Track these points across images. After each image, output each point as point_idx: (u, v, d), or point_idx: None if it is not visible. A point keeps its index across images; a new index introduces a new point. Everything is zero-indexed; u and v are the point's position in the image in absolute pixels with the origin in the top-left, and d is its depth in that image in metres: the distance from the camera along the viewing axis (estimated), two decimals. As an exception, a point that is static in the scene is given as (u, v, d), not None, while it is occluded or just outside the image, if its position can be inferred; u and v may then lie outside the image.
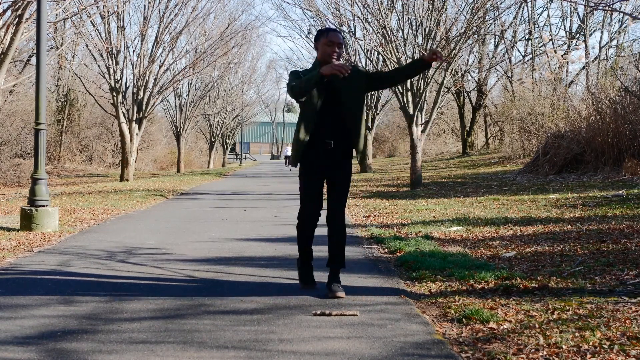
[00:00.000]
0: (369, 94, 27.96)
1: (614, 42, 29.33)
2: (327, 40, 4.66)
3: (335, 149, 4.69)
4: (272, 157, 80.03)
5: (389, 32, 16.24)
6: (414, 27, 16.77)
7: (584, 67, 27.15)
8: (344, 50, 4.72)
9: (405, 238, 7.48)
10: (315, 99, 4.62)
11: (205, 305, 4.41)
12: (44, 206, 8.40)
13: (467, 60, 25.63)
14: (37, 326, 3.88)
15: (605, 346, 3.36)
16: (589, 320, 3.83)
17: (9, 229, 8.33)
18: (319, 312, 4.18)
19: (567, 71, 28.06)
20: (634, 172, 14.20)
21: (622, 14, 17.98)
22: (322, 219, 4.89)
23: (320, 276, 5.04)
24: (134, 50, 22.41)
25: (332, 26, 23.21)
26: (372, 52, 23.21)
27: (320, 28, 4.49)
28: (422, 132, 16.94)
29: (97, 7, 18.78)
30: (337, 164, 4.74)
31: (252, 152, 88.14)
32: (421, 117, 16.89)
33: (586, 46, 28.06)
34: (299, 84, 4.56)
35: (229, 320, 4.05)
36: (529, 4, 29.15)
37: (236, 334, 3.74)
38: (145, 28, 22.13)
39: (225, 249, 6.99)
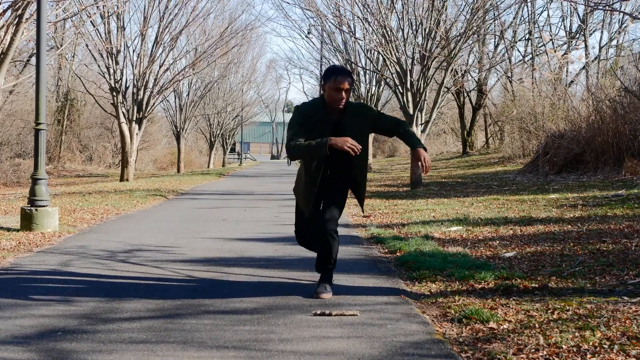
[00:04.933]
0: (368, 94, 27.96)
1: (614, 42, 29.32)
2: (335, 85, 4.46)
3: (331, 175, 4.67)
4: (272, 157, 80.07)
5: (389, 32, 16.24)
6: (414, 27, 16.76)
7: (584, 67, 27.14)
8: (353, 87, 4.64)
9: (405, 238, 7.48)
10: (312, 137, 4.52)
11: (205, 305, 4.41)
12: (44, 206, 8.40)
13: (467, 60, 25.63)
14: (37, 326, 3.88)
15: (605, 346, 3.36)
16: (589, 320, 3.83)
17: (9, 229, 8.33)
18: (319, 312, 4.18)
19: (567, 71, 28.05)
20: (634, 172, 14.20)
21: (622, 13, 17.99)
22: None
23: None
24: (134, 50, 22.42)
25: (332, 26, 23.24)
26: (372, 52, 23.20)
27: (330, 66, 4.39)
28: (422, 132, 16.94)
29: (97, 7, 18.77)
30: (331, 185, 4.70)
31: (252, 152, 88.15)
32: (421, 117, 16.89)
33: (586, 46, 28.04)
34: (300, 150, 4.43)
35: (229, 320, 4.05)
36: (529, 4, 29.15)
37: (236, 334, 3.74)
38: (145, 28, 22.12)
39: (225, 249, 6.99)
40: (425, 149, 4.55)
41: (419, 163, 4.49)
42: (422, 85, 16.50)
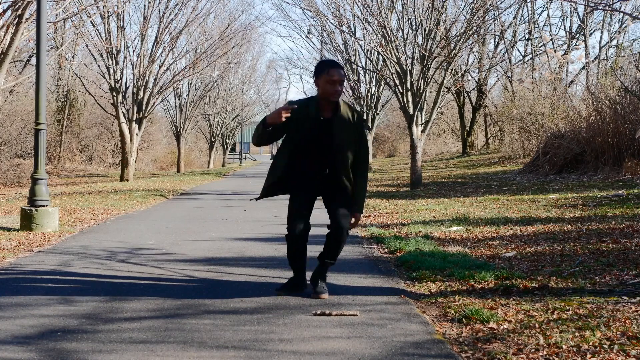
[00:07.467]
0: (368, 94, 27.95)
1: (614, 42, 29.32)
2: (329, 78, 4.49)
3: (330, 174, 4.63)
4: (272, 157, 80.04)
5: (389, 32, 16.24)
6: (414, 27, 16.76)
7: (584, 67, 27.14)
8: (345, 82, 4.64)
9: (405, 238, 7.48)
10: (294, 138, 4.58)
11: (205, 305, 4.41)
12: (44, 206, 8.40)
13: (467, 60, 25.60)
14: (37, 326, 3.88)
15: (605, 346, 3.36)
16: (589, 320, 3.83)
17: (9, 229, 8.32)
18: (319, 312, 4.18)
19: (567, 71, 28.05)
20: (634, 172, 14.21)
21: (622, 13, 17.97)
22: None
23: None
24: (134, 50, 22.42)
25: (332, 26, 23.25)
26: (372, 52, 23.20)
27: (322, 60, 4.47)
28: (422, 132, 16.94)
29: (97, 7, 18.77)
30: (333, 185, 4.65)
31: (252, 152, 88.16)
32: (421, 117, 16.89)
33: (586, 46, 28.05)
34: (254, 135, 4.62)
35: (229, 320, 4.04)
36: (529, 4, 29.15)
37: (236, 334, 3.74)
38: (145, 28, 22.13)
39: (225, 249, 6.99)
40: (360, 212, 4.74)
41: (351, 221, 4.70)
42: (422, 85, 16.50)
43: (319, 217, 5.14)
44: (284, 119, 4.41)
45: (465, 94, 34.95)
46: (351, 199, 4.68)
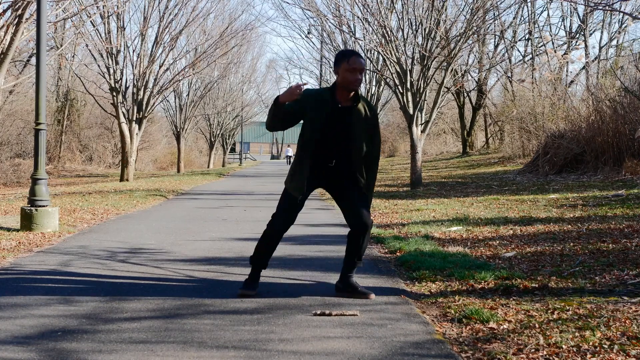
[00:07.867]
0: (368, 94, 27.96)
1: (614, 42, 29.34)
2: (349, 66, 4.44)
3: (335, 167, 4.61)
4: (272, 157, 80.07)
5: (389, 32, 16.24)
6: (414, 27, 16.77)
7: (584, 67, 27.15)
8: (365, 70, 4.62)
9: (405, 238, 7.48)
10: (314, 126, 4.51)
11: (205, 305, 4.41)
12: (44, 206, 8.40)
13: (467, 60, 25.61)
14: (37, 326, 3.88)
15: (605, 346, 3.36)
16: (589, 320, 3.83)
17: (9, 229, 8.32)
18: (319, 312, 4.18)
19: (567, 71, 28.06)
20: (634, 172, 14.21)
21: (622, 13, 17.97)
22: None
23: (319, 277, 5.01)
24: (134, 50, 22.43)
25: (332, 26, 23.23)
26: (372, 52, 23.20)
27: (342, 49, 4.43)
28: (422, 132, 16.94)
29: (97, 7, 18.77)
30: (339, 178, 4.63)
31: (252, 152, 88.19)
32: (421, 117, 16.90)
33: (586, 46, 28.06)
34: (267, 118, 4.56)
35: (229, 320, 4.04)
36: (529, 4, 29.16)
37: (236, 334, 3.74)
38: (145, 28, 22.13)
39: (225, 249, 6.99)
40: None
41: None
42: (422, 85, 16.51)
43: (319, 217, 5.13)
44: (297, 96, 4.36)
45: (465, 94, 34.96)
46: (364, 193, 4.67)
